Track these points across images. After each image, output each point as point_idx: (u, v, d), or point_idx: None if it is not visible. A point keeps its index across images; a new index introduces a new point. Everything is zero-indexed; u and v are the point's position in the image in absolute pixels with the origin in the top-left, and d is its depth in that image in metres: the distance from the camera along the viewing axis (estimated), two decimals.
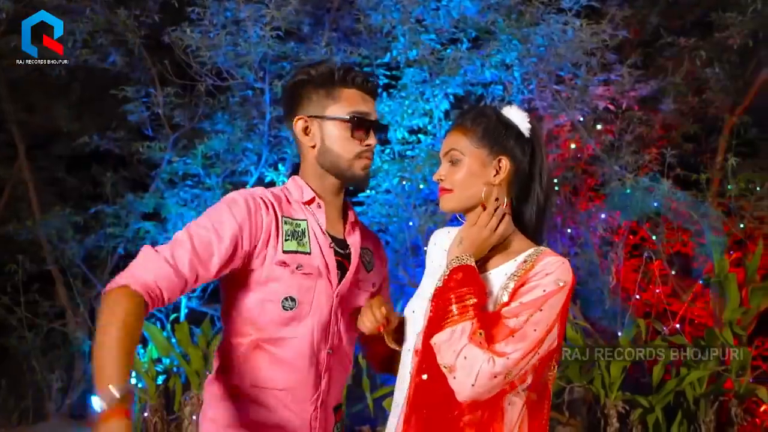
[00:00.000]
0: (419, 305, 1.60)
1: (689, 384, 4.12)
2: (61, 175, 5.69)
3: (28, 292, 4.74)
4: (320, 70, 1.71)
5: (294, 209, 1.70)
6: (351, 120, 1.67)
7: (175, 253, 1.51)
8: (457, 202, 1.57)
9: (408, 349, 1.58)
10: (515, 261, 1.53)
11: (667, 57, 5.05)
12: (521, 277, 1.47)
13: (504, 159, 1.56)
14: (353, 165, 1.69)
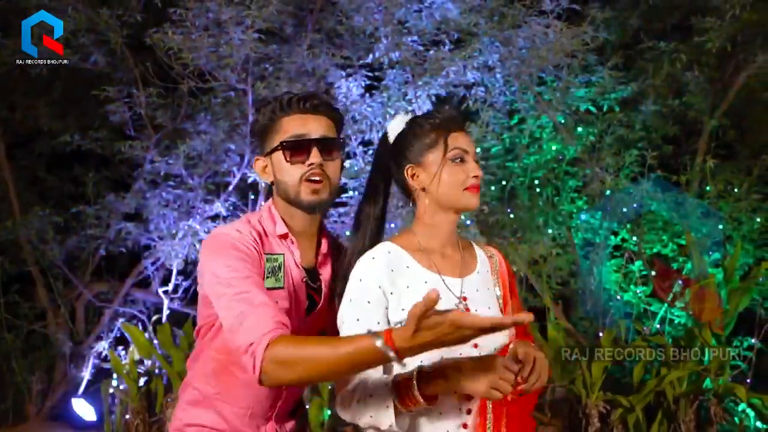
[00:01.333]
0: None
1: (669, 384, 4.16)
2: (41, 175, 5.63)
3: (7, 293, 4.69)
4: (268, 107, 1.73)
5: (272, 243, 1.70)
6: (282, 146, 1.67)
7: (261, 305, 1.49)
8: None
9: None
10: (479, 257, 1.71)
11: (647, 60, 5.09)
12: (500, 273, 1.69)
13: None
14: (300, 190, 1.66)
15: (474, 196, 1.61)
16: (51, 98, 5.04)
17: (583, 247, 5.00)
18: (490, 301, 1.63)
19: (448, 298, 1.57)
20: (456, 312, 1.25)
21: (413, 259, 1.60)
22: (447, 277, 1.61)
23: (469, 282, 1.63)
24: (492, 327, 1.25)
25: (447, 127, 1.62)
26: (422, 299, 1.25)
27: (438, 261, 1.62)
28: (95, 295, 4.74)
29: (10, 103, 5.26)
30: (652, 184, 4.65)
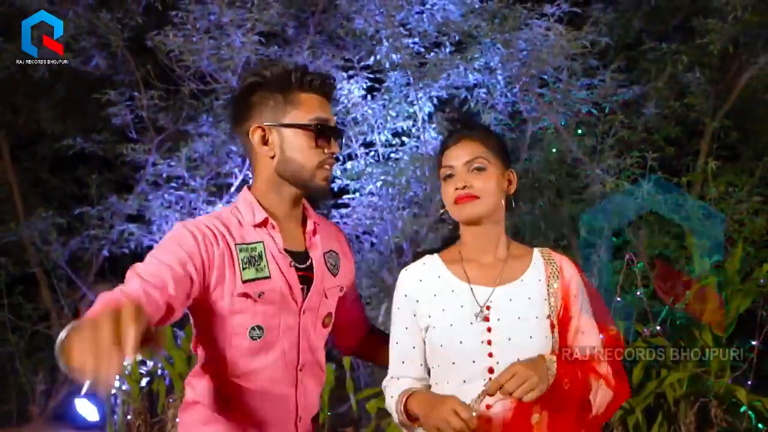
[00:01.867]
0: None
1: (669, 385, 4.16)
2: (45, 177, 5.68)
3: (11, 295, 4.73)
4: (275, 72, 1.60)
5: (247, 232, 1.60)
6: (314, 127, 1.58)
7: (146, 276, 1.43)
8: (485, 210, 1.61)
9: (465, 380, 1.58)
10: (535, 264, 1.67)
11: (650, 61, 5.09)
12: (559, 282, 1.62)
13: (512, 172, 1.71)
14: (316, 175, 1.61)
15: (460, 207, 1.61)
16: (53, 101, 5.08)
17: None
18: (525, 311, 1.60)
19: (471, 306, 1.60)
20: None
21: (447, 269, 1.67)
22: (477, 285, 1.63)
23: (504, 291, 1.62)
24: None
25: (444, 146, 1.68)
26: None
27: (473, 270, 1.65)
28: (99, 295, 4.77)
29: (13, 106, 5.30)
30: (654, 185, 4.65)
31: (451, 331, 1.58)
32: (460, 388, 1.56)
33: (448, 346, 1.58)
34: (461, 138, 1.66)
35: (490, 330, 1.58)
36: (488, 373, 1.56)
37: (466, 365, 1.56)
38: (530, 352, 1.55)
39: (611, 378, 1.60)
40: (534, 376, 1.44)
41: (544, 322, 1.61)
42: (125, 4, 4.15)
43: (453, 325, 1.59)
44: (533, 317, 1.60)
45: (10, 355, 4.66)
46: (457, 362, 1.57)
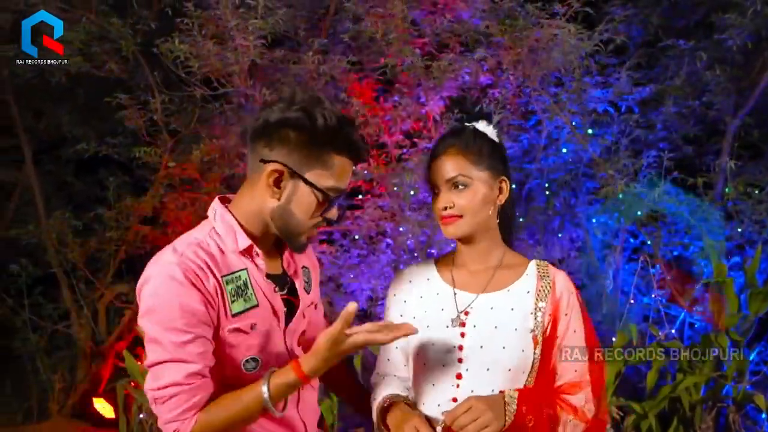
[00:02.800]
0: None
1: (685, 390, 4.08)
2: (69, 180, 5.81)
3: (31, 295, 4.86)
4: (328, 123, 1.46)
5: (230, 260, 1.51)
6: (329, 197, 1.52)
7: (170, 379, 1.42)
8: (469, 228, 1.60)
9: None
10: (527, 275, 1.64)
11: (670, 57, 4.98)
12: (550, 298, 1.58)
13: (505, 180, 1.65)
14: (303, 235, 1.56)
15: (445, 227, 1.61)
16: (73, 105, 5.19)
17: (601, 250, 4.93)
18: (504, 321, 1.57)
19: (451, 311, 1.61)
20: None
21: (437, 273, 1.69)
22: (462, 291, 1.63)
23: (486, 298, 1.61)
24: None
25: (429, 159, 1.66)
26: (341, 314, 1.36)
27: (462, 276, 1.66)
28: (116, 296, 4.87)
29: (36, 111, 5.44)
30: (671, 186, 4.56)
31: (427, 332, 1.59)
32: (431, 390, 1.58)
33: (422, 347, 1.60)
34: (444, 151, 1.62)
35: (463, 335, 1.57)
36: (456, 378, 1.55)
37: (437, 368, 1.57)
38: (501, 362, 1.54)
39: (586, 409, 1.57)
40: (488, 413, 1.43)
41: (524, 335, 1.57)
42: (137, 10, 4.21)
43: (429, 327, 1.60)
44: (512, 328, 1.57)
45: (30, 353, 4.79)
46: (428, 364, 1.58)
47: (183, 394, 1.40)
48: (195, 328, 1.42)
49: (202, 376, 1.43)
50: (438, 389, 1.56)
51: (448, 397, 1.55)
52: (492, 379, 1.53)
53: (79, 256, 4.65)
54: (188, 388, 1.41)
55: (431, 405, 1.58)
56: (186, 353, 1.40)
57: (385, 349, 1.73)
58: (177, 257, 1.44)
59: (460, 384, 1.55)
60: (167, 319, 1.41)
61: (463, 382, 1.55)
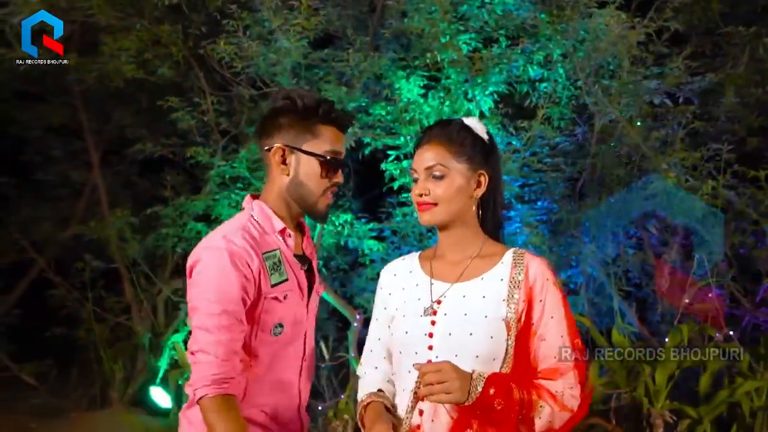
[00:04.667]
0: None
1: (745, 394, 3.88)
2: (134, 179, 6.08)
3: (94, 289, 5.12)
4: (306, 101, 1.76)
5: (268, 240, 1.77)
6: (328, 160, 1.76)
7: (210, 349, 1.61)
8: (443, 216, 1.65)
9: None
10: (502, 263, 1.67)
11: (731, 45, 4.73)
12: (523, 284, 1.60)
13: (484, 173, 1.68)
14: (319, 201, 1.80)
15: (420, 214, 1.67)
16: (136, 109, 5.44)
17: (658, 247, 4.74)
18: (474, 309, 1.60)
19: (426, 300, 1.65)
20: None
21: (419, 265, 1.74)
22: (438, 281, 1.68)
23: (460, 287, 1.65)
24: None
25: (414, 147, 1.72)
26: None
27: (440, 266, 1.70)
28: (174, 291, 5.07)
29: (104, 114, 5.73)
30: (733, 179, 4.34)
31: (402, 321, 1.65)
32: (406, 377, 1.62)
33: (397, 335, 1.67)
34: (427, 141, 1.68)
35: (434, 323, 1.61)
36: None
37: (410, 356, 1.61)
38: (469, 349, 1.56)
39: (567, 396, 1.56)
40: (456, 382, 1.45)
41: (496, 322, 1.59)
42: (188, 15, 4.36)
43: (405, 316, 1.66)
44: (482, 316, 1.59)
45: (94, 344, 5.05)
46: (403, 352, 1.64)
47: (210, 365, 1.59)
48: (227, 305, 1.63)
49: (228, 349, 1.61)
50: (413, 375, 1.59)
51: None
52: (461, 365, 1.52)
53: (138, 253, 4.86)
54: (214, 360, 1.59)
55: (407, 391, 1.63)
56: (216, 324, 1.62)
57: (368, 340, 1.80)
58: (225, 243, 1.68)
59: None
60: (206, 293, 1.65)
61: None
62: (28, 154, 5.93)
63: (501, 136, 4.60)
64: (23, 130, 5.85)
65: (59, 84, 5.31)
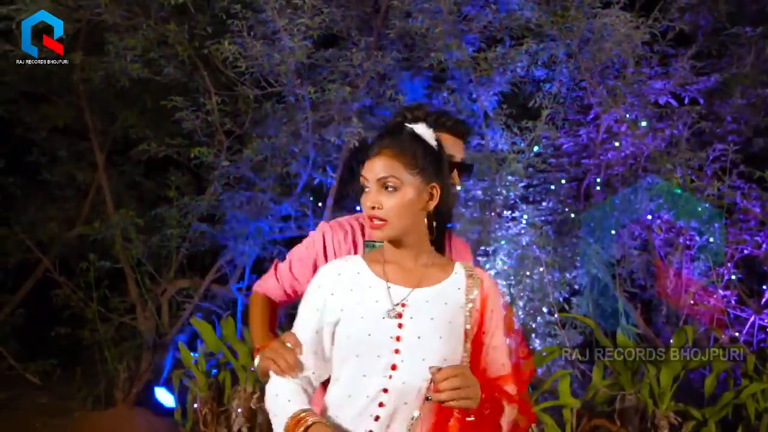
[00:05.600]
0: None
1: (751, 396, 3.85)
2: (138, 179, 6.10)
3: (98, 289, 5.13)
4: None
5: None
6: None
7: (281, 274, 1.98)
8: (395, 232, 1.61)
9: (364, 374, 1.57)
10: (456, 274, 1.66)
11: (737, 46, 4.72)
12: (479, 298, 1.62)
13: (436, 186, 1.63)
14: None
15: (374, 231, 1.60)
16: (141, 109, 5.45)
17: (663, 248, 4.73)
18: (439, 314, 1.59)
19: (386, 303, 1.59)
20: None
21: (368, 267, 1.66)
22: (395, 285, 1.62)
23: (421, 292, 1.61)
24: None
25: (366, 154, 1.63)
26: None
27: (393, 270, 1.64)
28: (178, 291, 5.07)
29: (110, 115, 5.75)
30: (739, 180, 4.32)
31: (361, 322, 1.56)
32: (359, 382, 1.54)
33: (355, 337, 1.56)
34: (380, 151, 1.61)
35: (401, 326, 1.55)
36: (390, 369, 1.53)
37: (370, 359, 1.54)
38: (438, 353, 1.53)
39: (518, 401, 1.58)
40: (475, 388, 1.46)
41: (457, 329, 1.58)
42: (194, 15, 4.36)
43: (364, 318, 1.57)
44: (446, 321, 1.58)
45: (99, 344, 5.06)
46: (362, 355, 1.55)
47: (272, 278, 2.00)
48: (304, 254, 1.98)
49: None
50: (369, 380, 1.53)
51: (379, 388, 1.52)
52: (426, 369, 1.50)
53: (143, 253, 4.86)
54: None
55: (360, 396, 1.54)
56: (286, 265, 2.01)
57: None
58: (332, 221, 1.98)
59: (393, 375, 1.53)
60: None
61: (397, 372, 1.53)
62: (33, 154, 5.94)
63: (505, 137, 4.60)
64: (29, 131, 5.87)
65: (65, 85, 5.33)
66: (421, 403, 1.52)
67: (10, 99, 5.51)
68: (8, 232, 5.78)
